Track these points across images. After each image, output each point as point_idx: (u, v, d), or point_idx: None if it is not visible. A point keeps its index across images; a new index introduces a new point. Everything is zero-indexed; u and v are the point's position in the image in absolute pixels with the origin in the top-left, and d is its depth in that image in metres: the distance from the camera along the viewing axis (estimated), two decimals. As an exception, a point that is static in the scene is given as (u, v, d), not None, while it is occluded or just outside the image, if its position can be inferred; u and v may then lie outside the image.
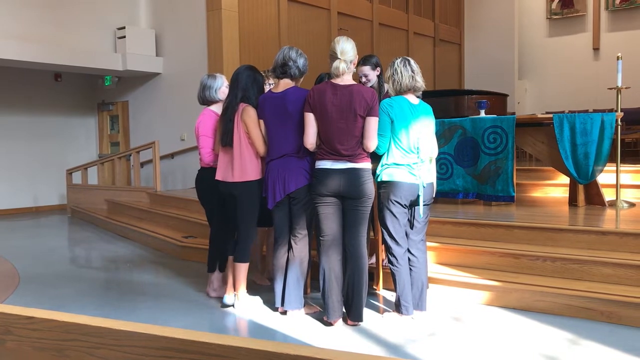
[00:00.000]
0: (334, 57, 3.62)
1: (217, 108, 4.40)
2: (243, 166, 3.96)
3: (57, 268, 5.84)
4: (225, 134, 3.99)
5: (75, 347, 1.25)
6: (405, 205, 3.70)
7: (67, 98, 11.48)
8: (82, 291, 4.89)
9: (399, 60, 3.77)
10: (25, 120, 10.86)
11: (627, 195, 6.02)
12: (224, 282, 4.41)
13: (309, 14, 10.47)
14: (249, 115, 3.92)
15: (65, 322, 1.26)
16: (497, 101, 8.53)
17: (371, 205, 3.71)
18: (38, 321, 1.30)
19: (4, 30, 8.62)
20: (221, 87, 4.45)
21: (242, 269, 4.09)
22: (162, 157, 9.25)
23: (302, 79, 3.97)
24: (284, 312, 3.94)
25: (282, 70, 3.86)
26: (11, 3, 8.83)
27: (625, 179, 6.15)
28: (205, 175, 4.38)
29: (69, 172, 10.38)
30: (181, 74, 9.86)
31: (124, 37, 9.85)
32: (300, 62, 3.87)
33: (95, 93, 11.66)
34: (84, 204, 9.86)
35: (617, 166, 5.52)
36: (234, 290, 4.15)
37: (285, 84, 3.87)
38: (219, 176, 4.09)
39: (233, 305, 4.19)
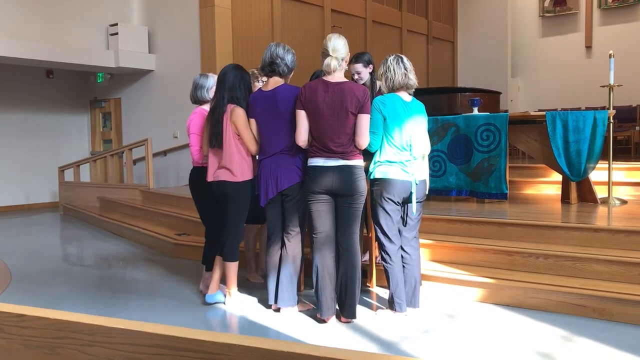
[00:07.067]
0: (325, 54, 3.62)
1: (208, 107, 4.37)
2: (234, 167, 3.93)
3: (49, 266, 5.81)
4: (214, 136, 3.95)
5: (67, 345, 1.24)
6: (398, 202, 3.70)
7: (59, 95, 11.41)
8: (74, 289, 4.87)
9: (391, 57, 3.77)
10: (16, 117, 10.79)
11: (619, 192, 6.05)
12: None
13: (303, 11, 10.45)
14: (238, 116, 3.89)
15: (56, 319, 1.25)
16: (490, 99, 8.55)
17: (364, 202, 3.71)
18: (29, 319, 1.28)
19: (-6, 27, 8.56)
20: (212, 86, 4.41)
21: (232, 267, 4.07)
22: (154, 155, 9.21)
23: (291, 75, 3.95)
24: (277, 310, 3.94)
25: (270, 68, 3.83)
26: (2, 0, 8.77)
27: (617, 176, 6.18)
28: (198, 174, 4.35)
29: (61, 170, 10.32)
30: (174, 71, 9.82)
31: (117, 33, 9.79)
32: (288, 58, 3.84)
33: (88, 90, 11.60)
34: (76, 202, 9.80)
35: (609, 164, 5.55)
36: (227, 289, 4.14)
37: (275, 81, 3.84)
38: (210, 177, 4.06)
39: (218, 304, 4.18)
